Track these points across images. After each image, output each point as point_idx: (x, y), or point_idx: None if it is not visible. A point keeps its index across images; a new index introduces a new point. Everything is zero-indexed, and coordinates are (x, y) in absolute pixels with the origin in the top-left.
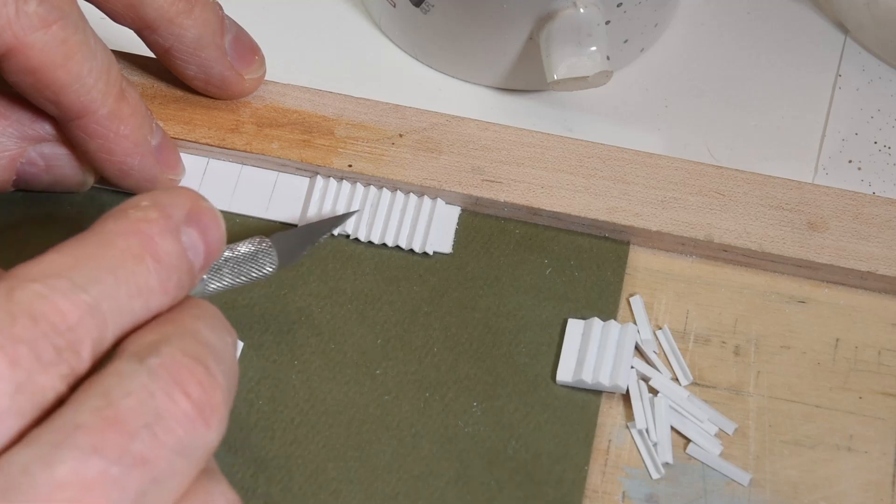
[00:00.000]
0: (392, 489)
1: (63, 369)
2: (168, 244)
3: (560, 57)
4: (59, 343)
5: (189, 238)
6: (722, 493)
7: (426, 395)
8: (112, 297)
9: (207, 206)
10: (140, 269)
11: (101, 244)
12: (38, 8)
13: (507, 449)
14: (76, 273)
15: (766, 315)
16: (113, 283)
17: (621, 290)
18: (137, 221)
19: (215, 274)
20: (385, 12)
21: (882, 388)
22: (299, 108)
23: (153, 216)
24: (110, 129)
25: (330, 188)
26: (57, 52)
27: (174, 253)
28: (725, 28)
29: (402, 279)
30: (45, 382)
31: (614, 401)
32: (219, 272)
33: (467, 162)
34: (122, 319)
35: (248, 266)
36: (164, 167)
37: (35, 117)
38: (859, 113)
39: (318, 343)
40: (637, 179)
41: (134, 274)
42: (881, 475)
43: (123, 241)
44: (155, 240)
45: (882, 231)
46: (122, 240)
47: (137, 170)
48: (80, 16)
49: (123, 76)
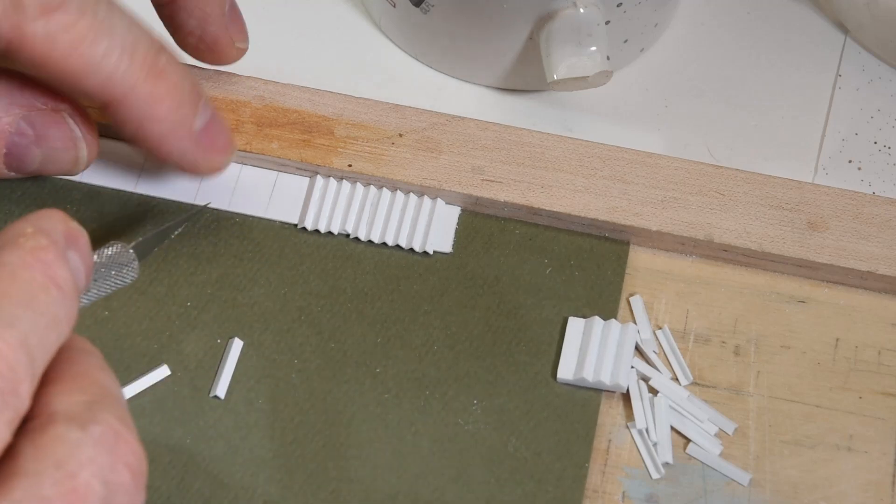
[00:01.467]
0: (392, 488)
1: (8, 414)
2: (63, 271)
3: (560, 57)
4: (3, 387)
5: (73, 262)
6: (722, 493)
7: (426, 394)
8: (34, 330)
9: (76, 226)
10: (48, 298)
11: (7, 278)
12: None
13: (508, 447)
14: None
15: (766, 315)
16: (32, 317)
17: (621, 290)
18: (33, 250)
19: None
20: (385, 12)
21: (882, 388)
22: (299, 107)
23: (44, 243)
24: (143, 112)
25: (330, 188)
26: (63, 39)
27: (69, 279)
28: (725, 28)
29: (402, 279)
30: None
31: (614, 400)
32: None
33: (467, 162)
34: (44, 354)
35: (111, 277)
36: (208, 151)
37: (23, 86)
38: (859, 113)
39: (318, 342)
40: (637, 179)
41: (45, 305)
42: (881, 475)
43: (27, 273)
44: (52, 268)
45: (882, 231)
46: (25, 271)
47: (175, 156)
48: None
49: (163, 50)
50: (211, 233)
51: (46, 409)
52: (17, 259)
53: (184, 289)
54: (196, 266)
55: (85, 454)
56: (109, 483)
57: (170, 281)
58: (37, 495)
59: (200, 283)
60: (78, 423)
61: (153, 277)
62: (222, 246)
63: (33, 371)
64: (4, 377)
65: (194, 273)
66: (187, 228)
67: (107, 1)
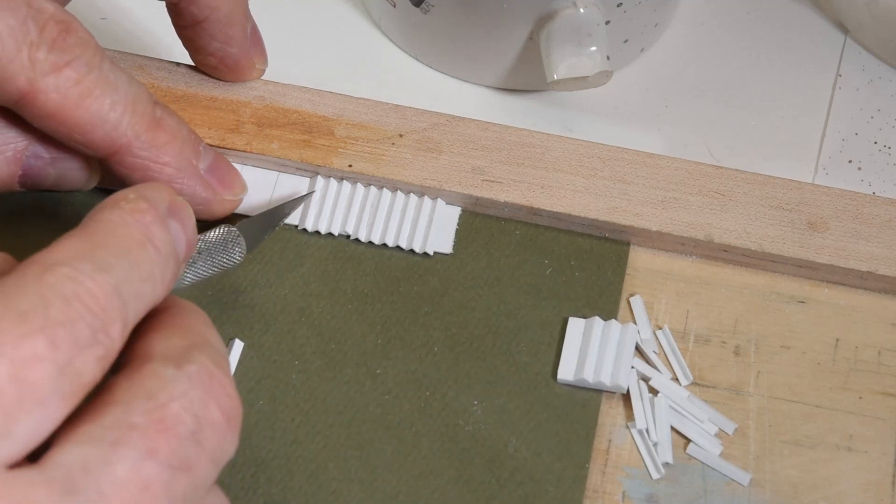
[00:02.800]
0: (392, 488)
1: (98, 351)
2: (161, 233)
3: (560, 57)
4: (94, 324)
5: (174, 229)
6: (722, 493)
7: (426, 395)
8: (129, 280)
9: (182, 201)
10: (144, 254)
11: (107, 232)
12: (48, 55)
13: (508, 448)
14: (96, 256)
15: (766, 315)
16: (128, 267)
17: (621, 290)
18: (133, 211)
19: (190, 266)
20: (385, 12)
21: (882, 388)
22: (299, 108)
23: (144, 206)
24: (149, 160)
25: (330, 188)
26: (71, 93)
27: (167, 241)
28: (725, 28)
29: (402, 279)
30: (83, 365)
31: (614, 401)
32: (193, 265)
33: (467, 162)
34: (137, 303)
35: (219, 256)
36: (219, 188)
37: None
38: (859, 113)
39: (319, 343)
40: (637, 179)
41: (141, 258)
42: (881, 475)
43: (125, 230)
44: (151, 228)
45: (882, 231)
46: (123, 228)
47: (187, 196)
48: (95, 53)
49: (158, 103)
50: None
51: (143, 351)
52: (116, 217)
53: (183, 288)
54: None
55: (178, 388)
56: (200, 418)
57: None
58: (126, 422)
59: (200, 283)
60: (174, 362)
61: None
62: None
63: (125, 315)
64: (96, 316)
65: None
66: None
67: (109, 59)
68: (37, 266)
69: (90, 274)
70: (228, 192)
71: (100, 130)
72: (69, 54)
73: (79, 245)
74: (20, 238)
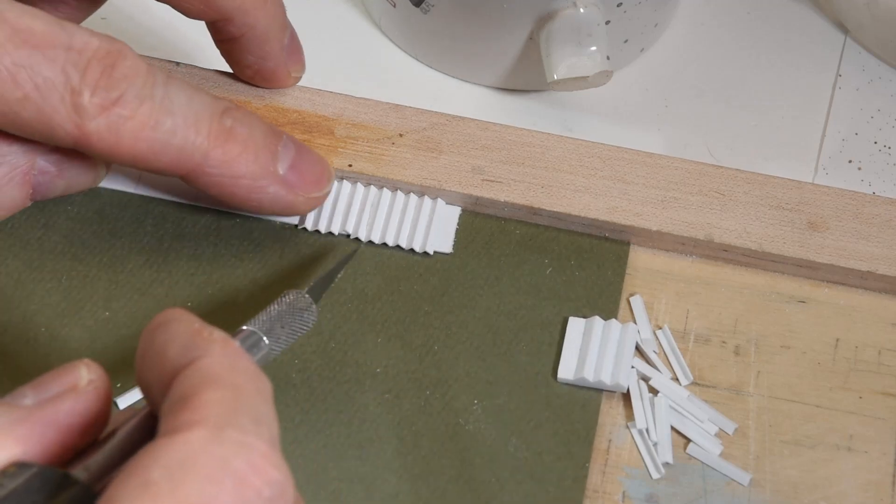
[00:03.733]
0: (393, 488)
1: None
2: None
3: (560, 57)
4: None
5: None
6: (722, 493)
7: (427, 394)
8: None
9: None
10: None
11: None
12: (92, 98)
13: (508, 447)
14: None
15: (766, 315)
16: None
17: (621, 290)
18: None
19: (275, 340)
20: (385, 12)
21: (882, 388)
22: (299, 107)
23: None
24: (223, 177)
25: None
26: (126, 128)
27: None
28: (725, 28)
29: (402, 279)
30: None
31: (614, 401)
32: (278, 339)
33: (467, 162)
34: None
35: (295, 322)
36: (301, 188)
37: None
38: (859, 113)
39: (319, 342)
40: (637, 179)
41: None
42: (881, 475)
43: (241, 378)
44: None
45: (882, 231)
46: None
47: (268, 204)
48: (146, 81)
49: (228, 110)
50: (211, 233)
51: None
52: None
53: (184, 289)
54: (196, 266)
55: None
56: None
57: (170, 281)
58: None
59: (200, 284)
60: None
61: (153, 277)
62: (222, 246)
63: None
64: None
65: (194, 273)
66: (188, 229)
67: (163, 79)
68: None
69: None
70: (313, 189)
71: (165, 157)
72: (116, 90)
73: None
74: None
